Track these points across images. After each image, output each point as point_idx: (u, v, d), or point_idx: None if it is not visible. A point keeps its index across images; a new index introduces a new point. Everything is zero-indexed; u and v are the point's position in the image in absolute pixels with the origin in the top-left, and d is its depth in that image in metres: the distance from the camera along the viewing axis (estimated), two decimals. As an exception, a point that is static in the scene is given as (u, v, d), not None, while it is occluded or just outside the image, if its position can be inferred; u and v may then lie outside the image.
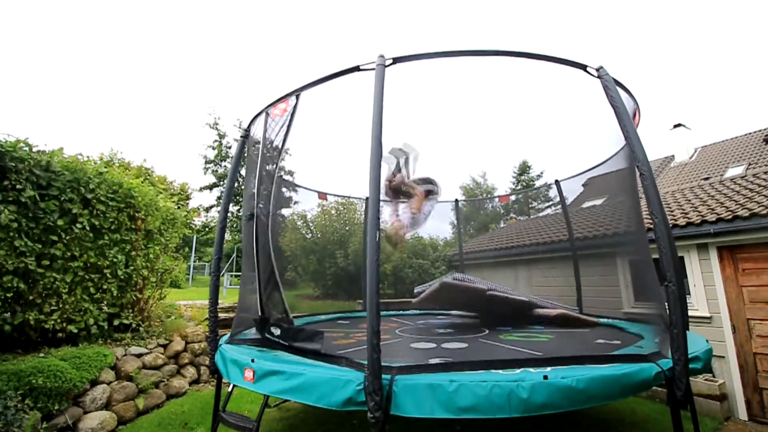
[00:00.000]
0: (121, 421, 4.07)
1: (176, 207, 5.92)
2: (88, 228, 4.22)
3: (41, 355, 3.76)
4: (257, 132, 3.77)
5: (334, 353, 2.63)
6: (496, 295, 4.43)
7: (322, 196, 6.71)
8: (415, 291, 5.26)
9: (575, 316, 4.59)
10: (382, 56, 2.63)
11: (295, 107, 3.39)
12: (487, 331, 4.32)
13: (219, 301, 3.86)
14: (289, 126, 3.48)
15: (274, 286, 3.58)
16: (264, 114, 3.53)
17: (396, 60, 2.66)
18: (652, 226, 2.49)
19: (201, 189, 22.73)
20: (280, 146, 3.66)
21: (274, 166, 3.94)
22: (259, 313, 3.16)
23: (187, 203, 22.84)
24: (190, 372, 5.39)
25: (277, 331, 2.81)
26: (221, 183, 22.28)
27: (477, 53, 2.80)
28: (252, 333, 3.50)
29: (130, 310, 4.99)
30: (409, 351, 3.41)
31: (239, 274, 18.14)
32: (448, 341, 3.77)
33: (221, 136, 22.63)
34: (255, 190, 3.55)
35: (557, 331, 4.17)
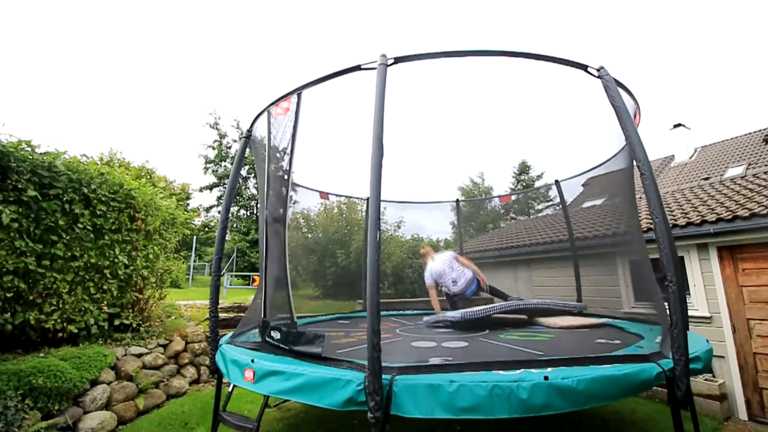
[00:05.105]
0: (121, 421, 4.07)
1: (175, 207, 5.90)
2: (89, 228, 4.22)
3: (41, 355, 3.76)
4: (260, 132, 3.76)
5: (335, 354, 2.62)
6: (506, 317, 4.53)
7: (324, 195, 6.71)
8: (425, 320, 4.98)
9: (583, 325, 4.47)
10: (384, 56, 2.62)
11: (298, 107, 3.39)
12: (487, 331, 4.32)
13: (219, 301, 3.85)
14: (295, 127, 3.47)
15: (283, 287, 3.57)
16: (266, 113, 3.53)
17: (398, 60, 2.65)
18: (652, 225, 2.49)
19: (201, 189, 22.79)
20: (287, 148, 3.65)
21: (281, 166, 3.94)
22: (262, 316, 3.14)
23: (188, 203, 22.86)
24: (190, 372, 5.39)
25: (277, 335, 2.79)
26: (221, 183, 22.30)
27: (478, 53, 2.80)
28: (253, 336, 3.50)
29: (130, 310, 4.99)
30: (409, 350, 3.40)
31: (240, 274, 18.15)
32: (449, 340, 3.76)
33: (221, 136, 22.66)
34: (265, 192, 3.54)
35: (558, 330, 4.17)
